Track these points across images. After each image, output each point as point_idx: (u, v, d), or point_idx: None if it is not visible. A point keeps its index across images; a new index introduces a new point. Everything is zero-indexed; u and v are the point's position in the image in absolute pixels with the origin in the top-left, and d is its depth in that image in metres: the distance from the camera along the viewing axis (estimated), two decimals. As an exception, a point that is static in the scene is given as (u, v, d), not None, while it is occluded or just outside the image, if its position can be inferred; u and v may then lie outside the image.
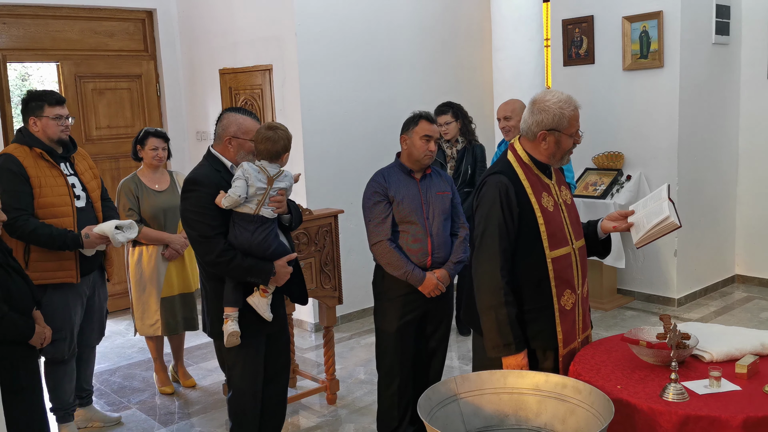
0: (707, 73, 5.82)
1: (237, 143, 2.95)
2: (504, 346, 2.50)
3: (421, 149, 3.38)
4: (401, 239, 3.40)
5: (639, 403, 2.17)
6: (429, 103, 5.33)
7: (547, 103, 2.50)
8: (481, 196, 2.58)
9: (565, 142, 2.53)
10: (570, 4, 6.09)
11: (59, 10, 5.88)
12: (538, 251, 2.51)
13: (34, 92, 3.62)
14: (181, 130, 6.58)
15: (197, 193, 2.88)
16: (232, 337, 2.89)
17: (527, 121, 2.55)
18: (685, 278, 5.88)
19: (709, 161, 5.97)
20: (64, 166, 3.64)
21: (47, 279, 3.53)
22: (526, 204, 2.52)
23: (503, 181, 2.52)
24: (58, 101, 3.61)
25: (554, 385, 2.30)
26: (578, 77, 6.10)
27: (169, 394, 4.47)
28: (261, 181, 2.86)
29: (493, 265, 2.49)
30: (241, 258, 2.86)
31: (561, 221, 2.58)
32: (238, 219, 2.88)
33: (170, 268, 4.32)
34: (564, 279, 2.54)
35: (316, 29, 5.42)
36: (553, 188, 2.62)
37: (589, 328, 2.75)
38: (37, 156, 3.53)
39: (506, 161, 2.61)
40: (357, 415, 4.09)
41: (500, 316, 2.48)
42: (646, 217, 2.63)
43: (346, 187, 5.55)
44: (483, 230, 2.54)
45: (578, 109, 2.54)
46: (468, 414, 2.32)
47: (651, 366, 2.43)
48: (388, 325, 3.46)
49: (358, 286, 5.48)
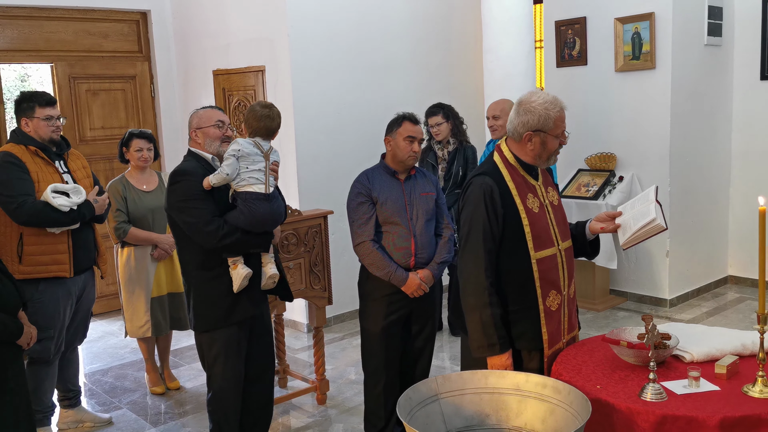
0: (699, 74, 5.83)
1: (201, 133, 3.11)
2: (488, 347, 2.51)
3: (404, 150, 3.40)
4: (385, 240, 3.42)
5: (617, 403, 2.18)
6: (421, 104, 5.34)
7: (532, 104, 2.51)
8: (466, 197, 2.60)
9: (550, 143, 2.54)
10: (563, 6, 6.10)
11: (53, 12, 5.90)
12: (522, 252, 2.52)
13: (25, 93, 3.66)
14: (175, 131, 6.59)
15: (186, 182, 2.96)
16: (245, 280, 2.99)
17: (513, 122, 2.56)
18: (677, 279, 5.88)
19: (702, 162, 5.98)
20: (58, 164, 3.69)
21: (40, 273, 3.57)
22: (511, 205, 2.53)
23: (488, 183, 2.53)
24: (48, 102, 3.64)
25: (534, 385, 2.31)
26: (571, 79, 6.11)
27: (160, 394, 4.48)
28: (258, 155, 2.99)
29: (478, 266, 2.50)
30: (241, 231, 2.96)
31: (546, 222, 2.59)
32: (251, 198, 2.97)
33: (159, 268, 4.34)
34: (549, 280, 2.55)
35: (308, 31, 5.44)
36: (539, 189, 2.63)
37: (576, 329, 2.76)
38: (32, 153, 3.59)
39: (492, 162, 2.62)
40: (347, 415, 4.10)
41: (484, 316, 2.49)
42: (633, 218, 2.64)
43: (339, 188, 5.54)
44: (468, 231, 2.55)
45: (564, 110, 2.55)
46: (449, 414, 2.33)
47: (632, 366, 2.44)
48: (372, 325, 3.48)
49: (349, 287, 5.43)
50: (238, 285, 2.99)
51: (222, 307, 3.04)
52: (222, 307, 3.04)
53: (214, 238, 2.92)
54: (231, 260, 3.01)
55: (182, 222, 2.97)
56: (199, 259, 3.04)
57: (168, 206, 3.01)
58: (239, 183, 2.98)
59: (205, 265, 3.03)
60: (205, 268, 3.03)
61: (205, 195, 2.95)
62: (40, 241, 3.56)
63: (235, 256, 3.00)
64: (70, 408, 4.01)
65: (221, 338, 3.07)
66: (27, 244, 3.55)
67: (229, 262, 3.02)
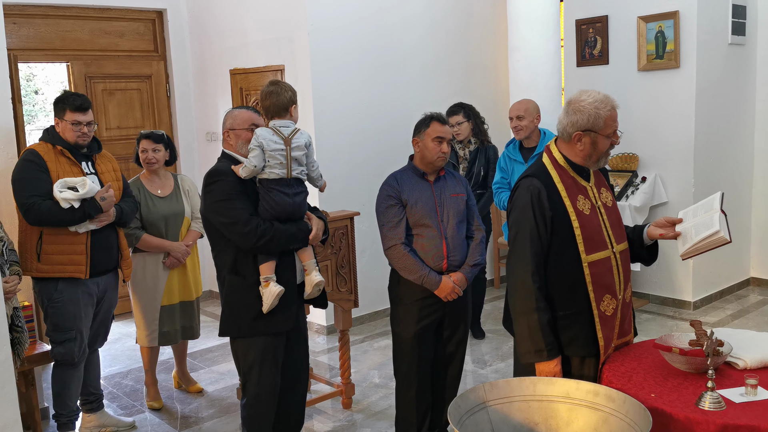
0: (723, 73, 5.76)
1: (233, 134, 3.06)
2: (536, 353, 2.45)
3: (433, 151, 3.33)
4: (416, 243, 3.35)
5: (675, 412, 2.11)
6: (442, 103, 5.27)
7: (582, 103, 2.45)
8: (513, 200, 2.54)
9: (601, 143, 2.47)
10: (584, 5, 6.03)
11: (69, 10, 5.84)
12: (573, 255, 2.45)
13: (63, 94, 3.65)
14: (190, 131, 6.53)
15: (221, 183, 2.91)
16: (276, 299, 2.92)
17: (562, 122, 2.50)
18: (700, 281, 5.81)
19: (725, 163, 5.90)
20: (85, 165, 3.64)
21: (57, 272, 3.55)
22: (560, 208, 2.46)
23: (535, 185, 2.47)
24: (78, 107, 3.58)
25: (586, 393, 2.24)
26: (592, 78, 6.03)
27: (156, 410, 4.28)
28: (277, 143, 2.90)
29: (525, 270, 2.44)
30: (281, 227, 2.92)
31: (599, 224, 2.52)
32: (275, 185, 2.92)
33: (171, 276, 4.18)
34: (603, 284, 2.48)
35: (328, 29, 5.38)
36: (590, 191, 2.56)
37: (629, 335, 2.66)
38: (58, 153, 3.57)
39: (541, 164, 2.56)
40: (373, 420, 4.03)
41: (532, 322, 2.43)
42: (695, 227, 2.52)
43: (359, 187, 5.51)
44: (515, 235, 2.49)
45: (615, 108, 2.48)
46: (497, 422, 2.27)
47: (684, 373, 2.37)
48: (405, 330, 3.41)
49: (370, 288, 5.43)
50: (269, 305, 2.92)
51: (247, 317, 2.98)
52: (248, 316, 2.98)
53: (253, 237, 2.86)
54: (263, 277, 2.94)
55: (219, 223, 2.92)
56: (231, 263, 2.99)
57: (204, 208, 2.96)
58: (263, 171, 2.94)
59: (236, 269, 2.98)
60: (237, 273, 2.99)
61: (241, 194, 2.90)
62: (59, 240, 3.53)
63: (271, 259, 2.93)
64: (92, 412, 3.95)
65: (257, 346, 3.02)
66: (46, 242, 3.53)
67: (261, 279, 2.94)
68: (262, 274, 2.94)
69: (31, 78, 13.52)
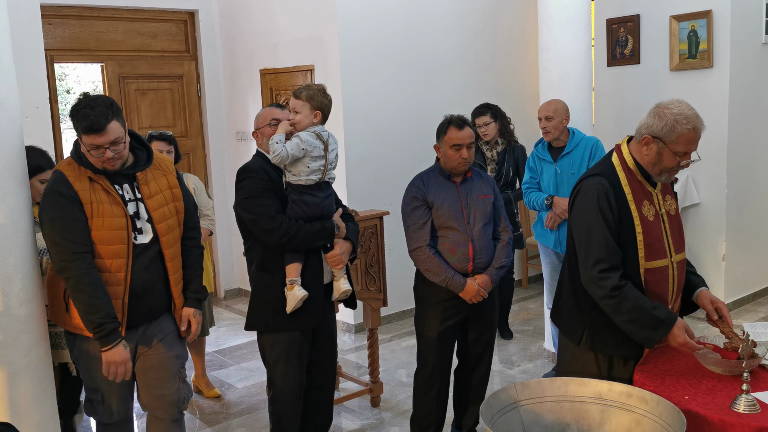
0: (757, 73, 5.67)
1: (260, 133, 3.12)
2: (653, 332, 2.36)
3: (452, 159, 3.30)
4: (441, 244, 3.34)
5: (709, 415, 2.10)
6: (470, 103, 5.28)
7: (665, 111, 2.39)
8: (578, 200, 2.50)
9: (667, 157, 2.41)
10: (614, 4, 5.98)
11: (103, 11, 5.94)
12: (631, 260, 2.43)
13: (74, 106, 2.62)
14: (221, 131, 6.61)
15: (250, 180, 2.96)
16: (300, 302, 2.95)
17: (642, 120, 2.46)
18: (733, 284, 5.73)
19: (759, 164, 5.81)
20: (125, 190, 2.72)
21: (80, 329, 2.71)
22: (625, 211, 2.43)
23: (603, 183, 2.44)
24: (89, 129, 2.55)
25: (618, 395, 2.24)
26: (623, 78, 5.99)
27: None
28: (319, 148, 2.95)
29: (603, 262, 2.41)
30: (305, 225, 2.95)
31: (660, 232, 2.49)
32: (306, 188, 2.96)
33: None
34: (656, 292, 2.46)
35: (358, 30, 5.40)
36: (655, 197, 2.52)
37: None
38: (87, 177, 2.67)
39: (609, 163, 2.52)
40: (401, 419, 4.05)
41: (633, 314, 2.38)
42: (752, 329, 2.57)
43: (387, 188, 5.52)
44: (586, 237, 2.45)
45: (697, 131, 2.38)
46: (528, 422, 2.27)
47: (718, 376, 2.36)
48: (429, 330, 3.42)
49: (397, 288, 5.44)
50: (292, 306, 2.95)
51: (273, 313, 3.02)
52: (273, 312, 3.01)
53: (277, 234, 2.89)
54: (288, 279, 2.97)
55: (247, 219, 2.97)
56: (259, 259, 3.04)
57: (235, 204, 3.02)
58: (294, 176, 2.96)
59: (264, 266, 3.03)
60: (264, 270, 3.03)
61: (268, 192, 2.94)
62: None
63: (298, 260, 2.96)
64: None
65: (282, 341, 3.05)
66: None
67: (286, 281, 2.97)
68: (288, 276, 2.97)
69: (63, 77, 13.74)
